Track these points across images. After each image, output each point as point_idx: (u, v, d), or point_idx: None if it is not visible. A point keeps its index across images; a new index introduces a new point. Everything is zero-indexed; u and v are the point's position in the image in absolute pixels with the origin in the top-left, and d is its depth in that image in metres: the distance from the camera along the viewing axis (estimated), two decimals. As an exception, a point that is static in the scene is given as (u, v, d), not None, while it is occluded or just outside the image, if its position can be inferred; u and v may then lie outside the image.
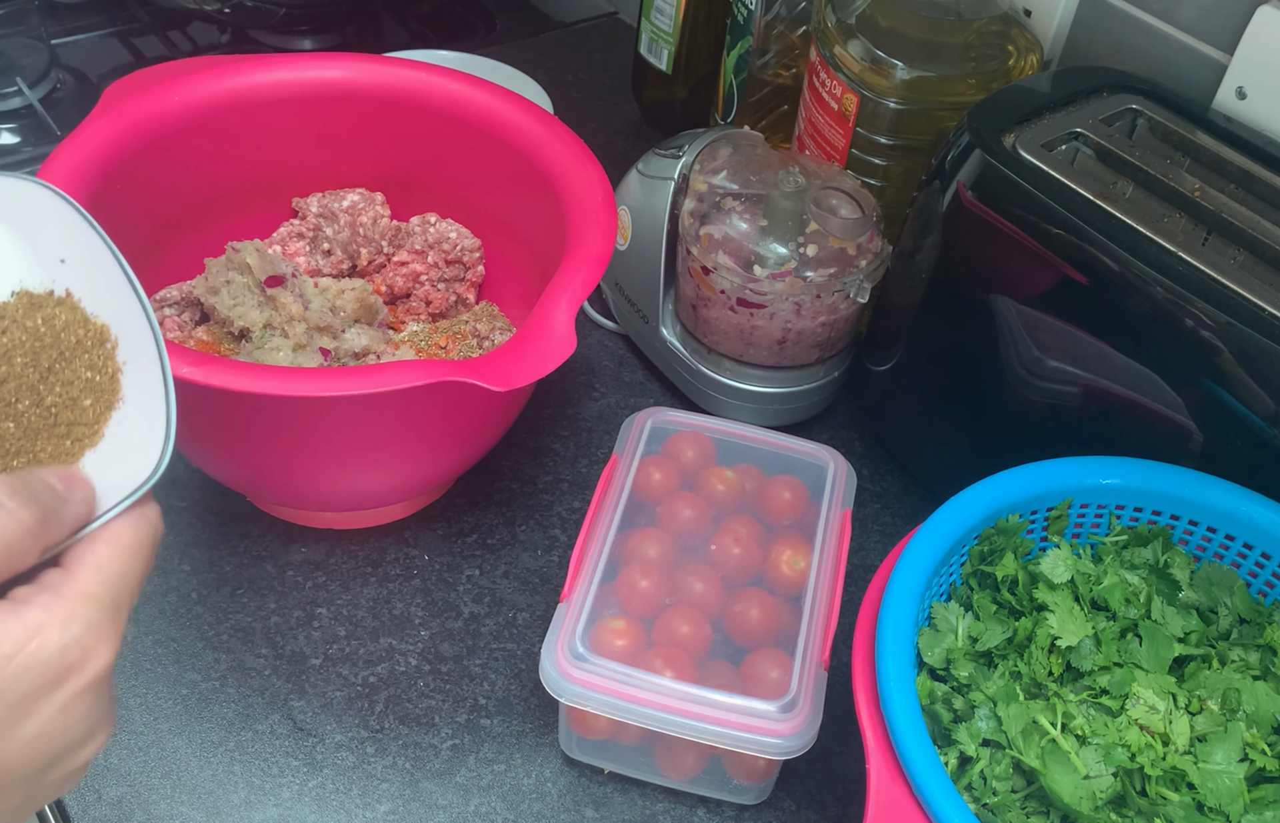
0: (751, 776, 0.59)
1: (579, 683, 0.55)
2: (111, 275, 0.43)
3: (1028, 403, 0.65)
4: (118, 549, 0.38)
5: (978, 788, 0.49)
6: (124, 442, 0.41)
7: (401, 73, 0.76)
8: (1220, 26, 0.71)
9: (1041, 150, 0.64)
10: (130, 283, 0.42)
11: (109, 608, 0.37)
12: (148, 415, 0.41)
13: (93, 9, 1.18)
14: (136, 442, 0.41)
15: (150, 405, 0.41)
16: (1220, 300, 0.56)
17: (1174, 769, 0.49)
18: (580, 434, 0.79)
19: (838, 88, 0.76)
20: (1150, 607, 0.55)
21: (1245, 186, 0.64)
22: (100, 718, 0.38)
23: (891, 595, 0.52)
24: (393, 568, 0.70)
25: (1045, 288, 0.62)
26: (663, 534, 0.63)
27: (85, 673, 0.37)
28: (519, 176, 0.73)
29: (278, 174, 0.78)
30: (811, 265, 0.73)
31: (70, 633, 0.36)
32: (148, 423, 0.41)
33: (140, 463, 0.40)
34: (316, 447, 0.62)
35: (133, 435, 0.41)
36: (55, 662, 0.36)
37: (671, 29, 0.98)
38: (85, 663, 0.37)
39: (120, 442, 0.41)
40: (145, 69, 0.75)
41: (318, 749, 0.61)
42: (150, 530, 0.40)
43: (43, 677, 0.35)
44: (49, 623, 0.36)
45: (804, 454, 0.67)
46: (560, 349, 0.57)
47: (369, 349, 0.71)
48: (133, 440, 0.41)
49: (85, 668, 0.37)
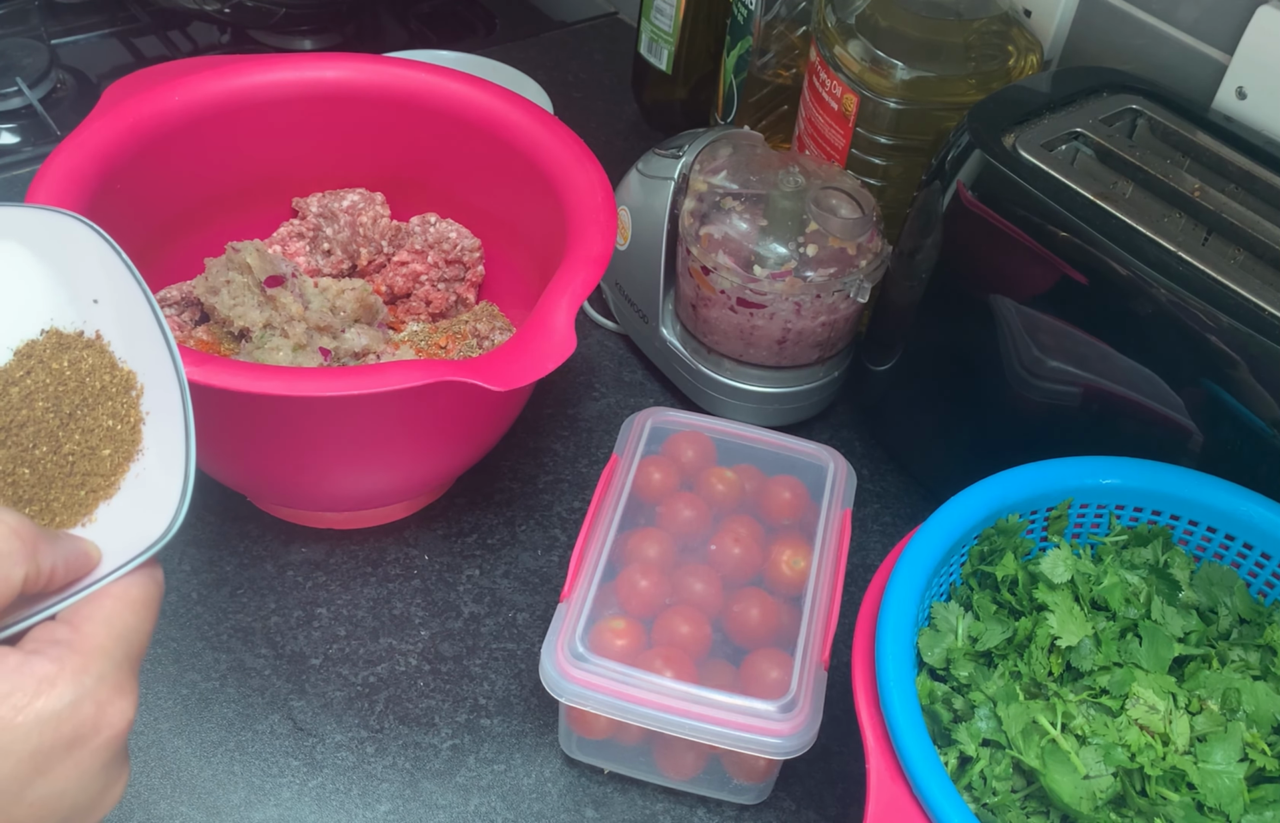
0: (751, 776, 0.59)
1: (579, 683, 0.55)
2: (144, 321, 0.42)
3: (1028, 403, 0.65)
4: (126, 604, 0.37)
5: (978, 788, 0.49)
6: (141, 494, 0.40)
7: (401, 73, 0.76)
8: (1220, 26, 0.71)
9: (1041, 150, 0.64)
10: (162, 330, 0.41)
11: (121, 662, 0.36)
12: (167, 468, 0.40)
13: (93, 9, 1.18)
14: (153, 495, 0.40)
15: (170, 458, 0.40)
16: (1220, 300, 0.56)
17: (1174, 769, 0.49)
18: (580, 434, 0.79)
19: (838, 88, 0.76)
20: (1150, 607, 0.55)
21: (1245, 186, 0.64)
22: (115, 777, 0.37)
23: (891, 595, 0.52)
24: (393, 568, 0.70)
25: (1045, 288, 0.62)
26: (663, 534, 0.63)
27: (103, 731, 0.35)
28: (519, 176, 0.73)
29: (278, 174, 0.78)
30: (811, 265, 0.73)
31: (83, 686, 0.34)
32: (167, 476, 0.40)
33: (156, 518, 0.39)
34: (316, 447, 0.62)
35: (150, 488, 0.40)
36: (68, 717, 0.34)
37: (671, 29, 0.98)
38: (101, 720, 0.35)
39: (137, 493, 0.41)
40: (145, 69, 0.75)
41: (318, 749, 0.61)
42: (157, 588, 0.39)
43: (55, 733, 0.34)
44: (60, 676, 0.34)
45: (804, 454, 0.67)
46: (560, 349, 0.57)
47: (369, 349, 0.71)
48: (150, 493, 0.40)
49: (102, 726, 0.35)
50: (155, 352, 0.42)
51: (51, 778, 0.34)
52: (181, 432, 0.40)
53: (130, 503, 0.41)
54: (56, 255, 0.43)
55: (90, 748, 0.35)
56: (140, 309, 0.42)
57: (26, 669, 0.34)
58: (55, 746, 0.34)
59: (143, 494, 0.41)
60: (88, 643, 0.35)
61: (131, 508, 0.40)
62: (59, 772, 0.34)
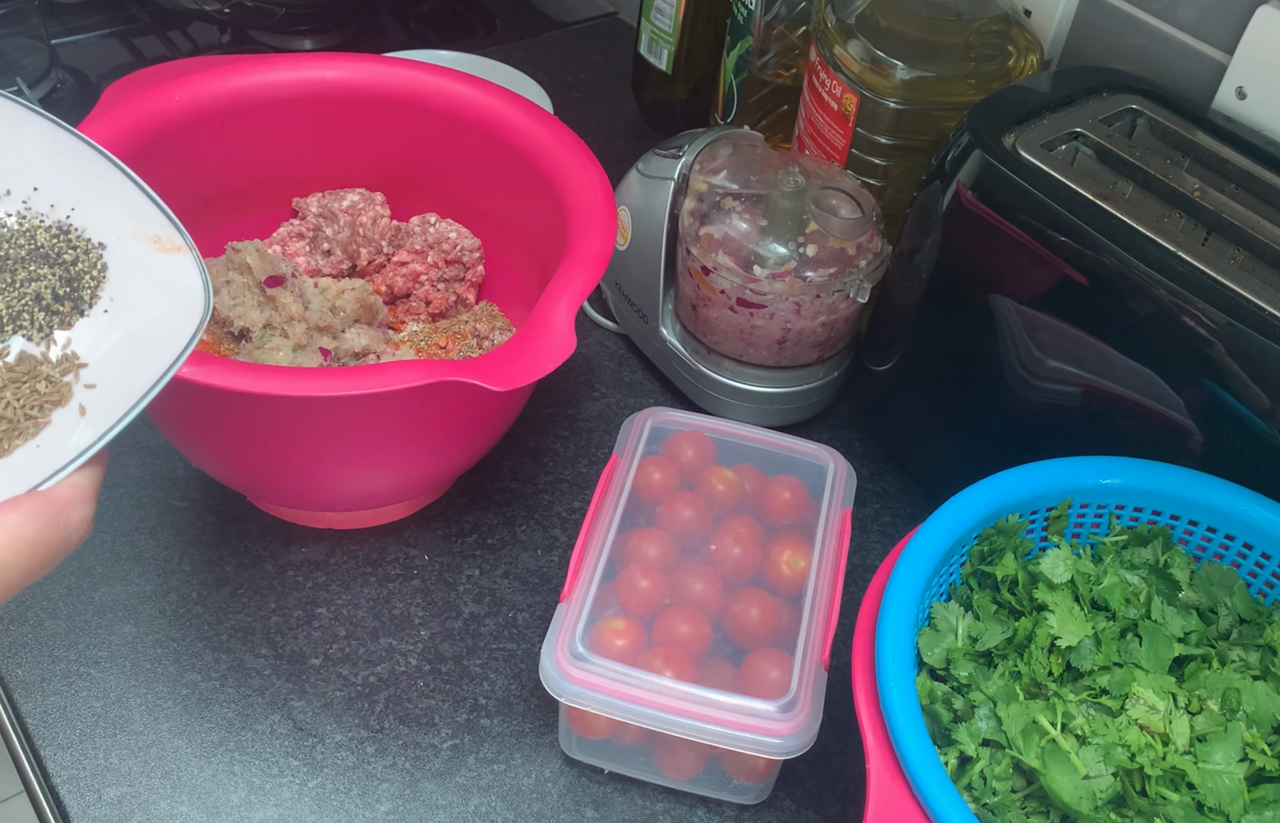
0: (751, 776, 0.59)
1: (579, 683, 0.55)
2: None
3: (1028, 403, 0.65)
4: (8, 536, 0.35)
5: (978, 788, 0.49)
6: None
7: (401, 73, 0.76)
8: (1220, 26, 0.71)
9: (1041, 150, 0.64)
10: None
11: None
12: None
13: (93, 9, 1.18)
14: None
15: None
16: (1220, 300, 0.56)
17: (1174, 769, 0.49)
18: (580, 434, 0.79)
19: (838, 88, 0.76)
20: (1150, 607, 0.55)
21: (1245, 186, 0.64)
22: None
23: (891, 595, 0.52)
24: (393, 568, 0.70)
25: (1045, 288, 0.62)
26: (663, 534, 0.63)
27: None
28: (519, 176, 0.73)
29: (278, 174, 0.78)
30: (811, 265, 0.73)
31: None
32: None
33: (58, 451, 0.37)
34: (316, 447, 0.62)
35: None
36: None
37: (671, 29, 0.98)
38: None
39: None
40: (145, 69, 0.75)
41: (318, 749, 0.61)
42: (60, 531, 0.36)
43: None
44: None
45: (804, 454, 0.67)
46: (560, 349, 0.57)
47: (369, 349, 0.71)
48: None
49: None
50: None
51: None
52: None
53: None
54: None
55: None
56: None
57: None
58: None
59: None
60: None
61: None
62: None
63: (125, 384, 0.40)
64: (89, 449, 0.38)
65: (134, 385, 0.39)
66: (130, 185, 0.44)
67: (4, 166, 0.44)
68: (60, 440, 0.38)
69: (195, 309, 0.41)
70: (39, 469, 0.38)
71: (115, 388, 0.40)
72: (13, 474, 0.38)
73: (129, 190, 0.44)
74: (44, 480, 0.37)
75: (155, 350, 0.40)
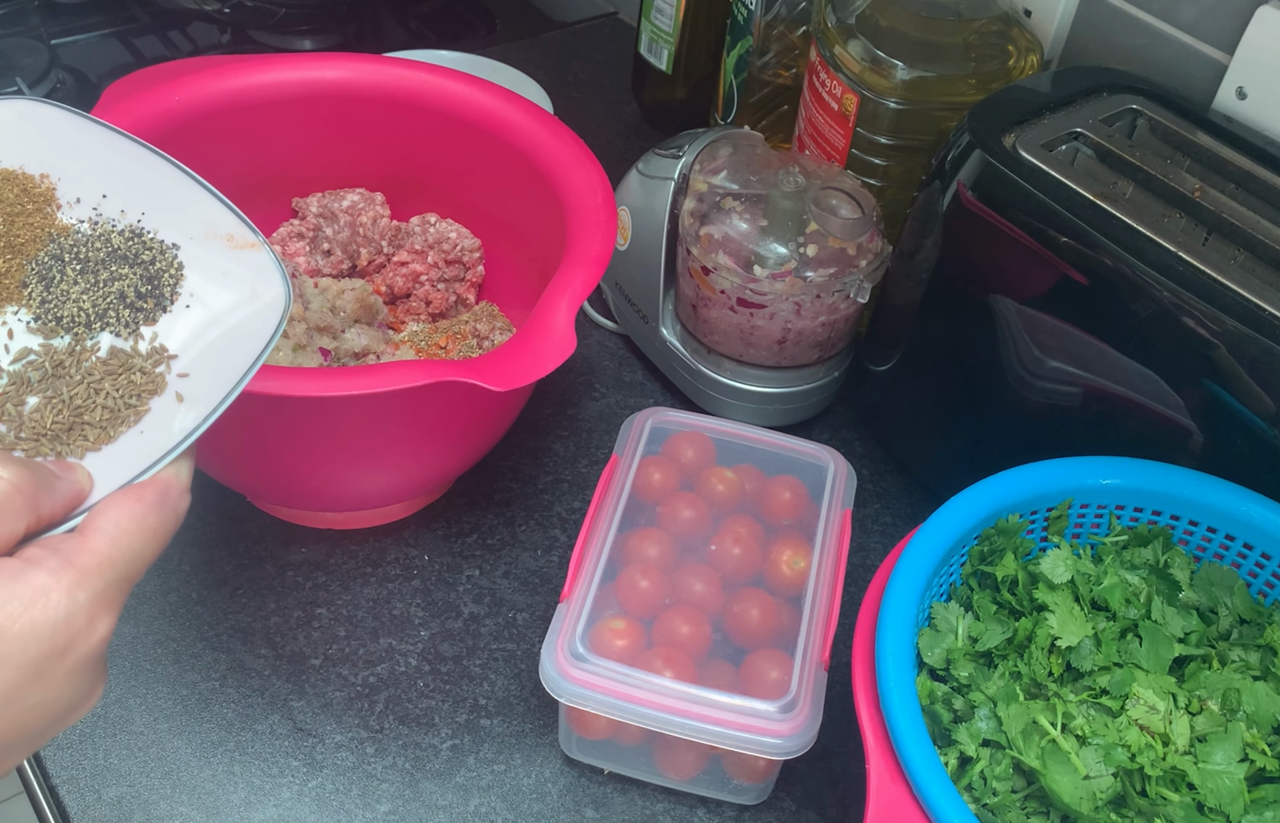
0: (751, 776, 0.59)
1: (579, 683, 0.55)
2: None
3: (1028, 403, 0.65)
4: (136, 526, 0.39)
5: (978, 788, 0.49)
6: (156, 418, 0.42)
7: (401, 73, 0.76)
8: (1220, 26, 0.71)
9: (1041, 150, 0.64)
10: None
11: (113, 582, 0.38)
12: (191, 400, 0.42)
13: (93, 9, 1.18)
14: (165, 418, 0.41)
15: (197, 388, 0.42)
16: (1220, 300, 0.56)
17: (1174, 769, 0.49)
18: (580, 434, 0.79)
19: (838, 88, 0.76)
20: (1150, 607, 0.55)
21: (1245, 186, 0.64)
22: (95, 684, 0.39)
23: (891, 595, 0.52)
24: (393, 568, 0.70)
25: (1045, 288, 0.62)
26: (663, 534, 0.63)
27: (91, 641, 0.37)
28: (519, 176, 0.73)
29: (278, 174, 0.78)
30: (811, 265, 0.73)
31: (76, 601, 0.36)
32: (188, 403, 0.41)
33: (160, 438, 0.40)
34: (316, 447, 0.62)
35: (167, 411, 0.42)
36: (62, 628, 0.36)
37: (671, 29, 0.98)
38: (90, 633, 0.37)
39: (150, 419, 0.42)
40: (145, 69, 0.75)
41: (318, 749, 0.61)
42: (173, 518, 0.40)
43: (50, 643, 0.36)
44: (55, 588, 0.36)
45: (804, 454, 0.67)
46: (560, 349, 0.57)
47: (369, 349, 0.71)
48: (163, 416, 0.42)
49: (91, 637, 0.37)
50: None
51: (46, 684, 0.36)
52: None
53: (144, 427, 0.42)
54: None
55: (77, 656, 0.37)
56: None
57: (23, 579, 0.36)
58: (50, 654, 0.36)
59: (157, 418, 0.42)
60: (87, 560, 0.37)
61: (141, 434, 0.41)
62: (51, 678, 0.36)
63: (217, 372, 0.42)
64: (195, 431, 0.41)
65: (226, 372, 0.42)
66: (197, 188, 0.46)
67: (72, 176, 0.46)
68: (163, 426, 0.41)
69: (277, 298, 0.44)
70: (146, 454, 0.40)
71: (207, 376, 0.42)
72: (122, 459, 0.40)
73: (196, 192, 0.46)
74: (157, 461, 0.40)
75: (243, 339, 0.43)
